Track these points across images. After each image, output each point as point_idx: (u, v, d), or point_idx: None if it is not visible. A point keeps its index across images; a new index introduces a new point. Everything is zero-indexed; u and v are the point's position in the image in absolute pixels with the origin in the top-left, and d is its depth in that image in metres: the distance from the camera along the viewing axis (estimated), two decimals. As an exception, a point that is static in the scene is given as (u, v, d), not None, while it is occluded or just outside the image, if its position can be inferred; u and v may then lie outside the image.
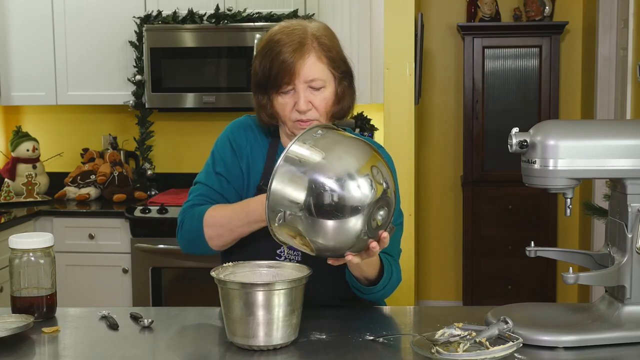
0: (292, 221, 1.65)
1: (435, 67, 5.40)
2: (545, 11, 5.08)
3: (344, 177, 1.63)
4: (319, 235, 1.65)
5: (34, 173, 4.47)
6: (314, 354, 1.69)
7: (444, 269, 5.49)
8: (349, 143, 1.72)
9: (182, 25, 4.25)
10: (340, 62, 1.98)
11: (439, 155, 5.44)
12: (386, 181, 1.69)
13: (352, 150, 1.70)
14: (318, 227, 1.64)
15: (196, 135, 4.62)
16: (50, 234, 1.99)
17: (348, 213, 1.63)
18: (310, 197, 1.63)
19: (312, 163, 1.65)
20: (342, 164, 1.65)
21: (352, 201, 1.63)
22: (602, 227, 2.81)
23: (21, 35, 4.41)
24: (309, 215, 1.63)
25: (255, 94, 2.01)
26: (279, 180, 1.66)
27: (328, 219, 1.63)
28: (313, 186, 1.63)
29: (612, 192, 1.85)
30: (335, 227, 1.64)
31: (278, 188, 1.65)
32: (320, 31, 1.97)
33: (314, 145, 1.68)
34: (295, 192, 1.64)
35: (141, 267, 4.07)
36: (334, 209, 1.62)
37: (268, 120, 2.02)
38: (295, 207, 1.64)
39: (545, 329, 1.73)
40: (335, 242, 1.67)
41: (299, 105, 1.93)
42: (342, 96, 1.99)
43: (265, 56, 1.94)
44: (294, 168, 1.65)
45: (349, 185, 1.63)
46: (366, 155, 1.70)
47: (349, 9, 4.19)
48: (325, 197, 1.62)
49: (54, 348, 1.80)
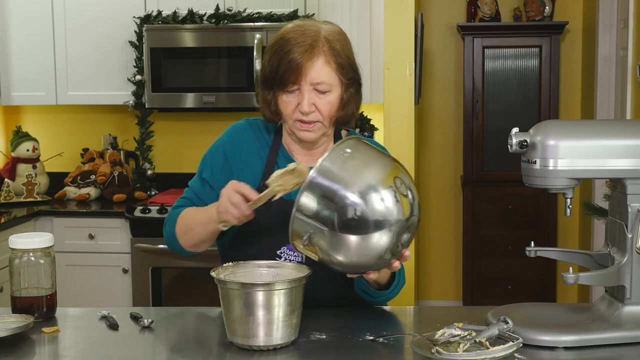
0: (317, 239, 1.66)
1: (435, 67, 5.40)
2: (545, 11, 5.08)
3: (368, 191, 1.63)
4: (342, 252, 1.66)
5: (34, 173, 4.47)
6: (314, 354, 1.69)
7: (444, 269, 5.49)
8: (374, 157, 1.72)
9: (182, 25, 4.25)
10: (349, 69, 1.97)
11: (439, 155, 5.44)
12: (410, 190, 1.69)
13: (376, 164, 1.70)
14: (343, 244, 1.65)
15: (196, 135, 4.62)
16: (50, 234, 1.99)
17: (373, 229, 1.63)
18: (336, 214, 1.63)
19: (339, 180, 1.65)
20: (366, 178, 1.65)
21: (376, 216, 1.63)
22: (602, 227, 2.81)
23: (21, 35, 4.41)
24: (334, 232, 1.63)
25: (262, 89, 2.01)
26: (305, 198, 1.66)
27: (354, 235, 1.63)
28: (339, 203, 1.63)
29: (612, 192, 1.85)
30: (361, 244, 1.65)
31: (304, 205, 1.65)
32: (333, 35, 1.96)
33: (343, 163, 1.67)
34: (322, 210, 1.64)
35: (141, 267, 4.07)
36: (360, 225, 1.63)
37: (271, 116, 2.02)
38: (320, 225, 1.64)
39: (545, 329, 1.73)
40: (359, 259, 1.67)
41: (302, 107, 1.92)
42: (347, 102, 1.98)
43: (275, 53, 1.94)
44: (321, 185, 1.65)
45: (372, 199, 1.63)
46: (389, 167, 1.70)
47: (349, 9, 4.19)
48: (350, 212, 1.62)
49: (54, 348, 1.79)
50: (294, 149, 2.06)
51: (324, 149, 2.05)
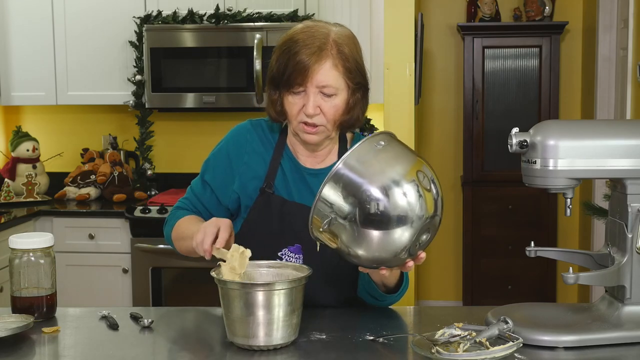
0: (336, 228, 1.65)
1: (435, 67, 5.40)
2: (545, 11, 5.09)
3: (390, 185, 1.63)
4: (362, 245, 1.66)
5: (34, 173, 4.47)
6: (314, 354, 1.69)
7: (444, 269, 5.49)
8: (401, 154, 1.71)
9: (182, 25, 4.25)
10: (357, 73, 1.95)
11: (439, 155, 5.44)
12: (433, 182, 1.70)
13: (401, 159, 1.69)
14: (363, 237, 1.64)
15: (196, 135, 4.62)
16: (50, 234, 1.99)
17: (395, 224, 1.63)
18: (358, 207, 1.63)
19: (364, 174, 1.64)
20: (389, 173, 1.65)
21: (398, 211, 1.63)
22: (602, 227, 2.81)
23: (21, 36, 4.41)
24: (355, 224, 1.63)
25: (268, 88, 2.00)
26: (329, 188, 1.65)
27: (375, 229, 1.63)
28: (362, 196, 1.63)
29: (612, 192, 1.85)
30: (381, 239, 1.64)
31: (327, 195, 1.65)
32: (343, 39, 1.94)
33: (370, 157, 1.67)
34: (344, 201, 1.64)
35: (141, 267, 4.07)
36: (381, 219, 1.63)
37: (276, 116, 2.01)
38: (341, 215, 1.64)
39: (545, 329, 1.73)
40: (378, 253, 1.67)
41: (306, 109, 1.92)
42: (353, 107, 1.97)
43: (283, 53, 1.93)
44: (346, 177, 1.65)
45: (395, 194, 1.63)
46: (412, 162, 1.69)
47: (349, 9, 4.19)
48: (373, 206, 1.62)
49: (54, 348, 1.79)
50: (298, 150, 2.05)
51: (328, 151, 2.05)
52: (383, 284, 1.91)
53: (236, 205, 2.07)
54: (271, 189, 2.01)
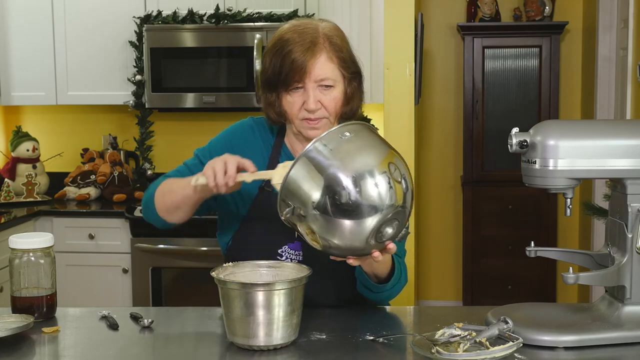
0: (302, 213, 1.66)
1: (435, 67, 5.40)
2: (545, 11, 5.09)
3: (362, 174, 1.64)
4: (329, 233, 1.66)
5: (34, 173, 4.47)
6: (314, 354, 1.69)
7: (444, 269, 5.49)
8: (371, 144, 1.71)
9: (182, 25, 4.25)
10: (351, 63, 1.98)
11: (439, 155, 5.44)
12: (404, 178, 1.69)
13: (372, 150, 1.69)
14: (329, 225, 1.65)
15: (196, 135, 4.62)
16: (50, 234, 1.99)
17: (361, 213, 1.63)
18: (324, 194, 1.63)
19: (332, 161, 1.65)
20: (360, 162, 1.65)
21: (366, 201, 1.63)
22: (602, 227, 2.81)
23: (21, 36, 4.41)
24: (321, 212, 1.64)
25: (264, 91, 2.00)
26: (296, 172, 1.66)
27: (341, 218, 1.63)
28: (329, 183, 1.63)
29: (612, 192, 1.85)
30: (346, 227, 1.64)
31: (294, 178, 1.66)
32: (332, 31, 1.97)
33: (338, 145, 1.67)
34: (311, 188, 1.64)
35: (141, 267, 4.07)
36: (348, 208, 1.63)
37: (276, 118, 2.01)
38: (307, 202, 1.64)
39: (545, 329, 1.73)
40: (344, 241, 1.67)
41: (308, 104, 1.92)
42: (352, 97, 1.99)
43: (275, 54, 1.94)
44: (313, 164, 1.65)
45: (366, 184, 1.63)
46: (384, 153, 1.69)
47: (349, 9, 4.19)
48: (340, 195, 1.63)
49: (54, 348, 1.79)
50: (298, 148, 2.05)
51: None
52: (375, 274, 1.90)
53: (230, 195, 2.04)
54: (270, 187, 2.01)
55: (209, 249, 3.94)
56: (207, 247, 3.96)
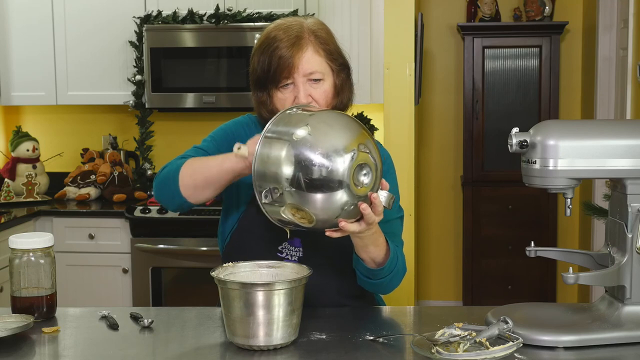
0: (280, 197, 1.69)
1: (435, 67, 5.40)
2: (545, 11, 5.08)
3: (328, 151, 1.67)
4: (306, 207, 1.69)
5: (34, 173, 4.47)
6: (314, 354, 1.69)
7: (444, 269, 5.49)
8: (335, 119, 1.76)
9: (182, 25, 4.25)
10: (337, 55, 1.99)
11: (439, 155, 5.44)
12: (370, 151, 1.72)
13: (337, 124, 1.74)
14: (303, 200, 1.68)
15: (196, 135, 4.57)
16: (50, 234, 1.99)
17: (331, 186, 1.66)
18: (294, 171, 1.66)
19: (294, 139, 1.68)
20: (327, 138, 1.70)
21: (333, 174, 1.66)
22: (602, 227, 2.81)
23: (21, 36, 4.41)
24: (294, 189, 1.67)
25: (255, 91, 2.01)
26: (260, 158, 1.69)
27: (311, 192, 1.67)
28: (295, 160, 1.67)
29: (612, 192, 1.85)
30: (320, 200, 1.67)
31: (260, 166, 1.70)
32: (316, 25, 1.99)
33: (296, 122, 1.72)
34: (278, 168, 1.68)
35: (141, 267, 4.07)
36: (318, 183, 1.66)
37: (269, 116, 2.01)
38: (279, 182, 1.68)
39: (545, 329, 1.73)
40: (324, 214, 1.70)
41: (299, 99, 1.93)
42: (341, 89, 2.00)
43: (263, 53, 1.96)
44: (275, 144, 1.69)
45: (333, 158, 1.67)
46: (353, 131, 1.73)
47: (349, 9, 4.19)
48: (311, 171, 1.66)
49: (54, 348, 1.80)
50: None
51: None
52: (372, 259, 1.89)
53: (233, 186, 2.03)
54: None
55: (209, 249, 3.95)
56: (207, 247, 3.96)
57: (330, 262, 1.96)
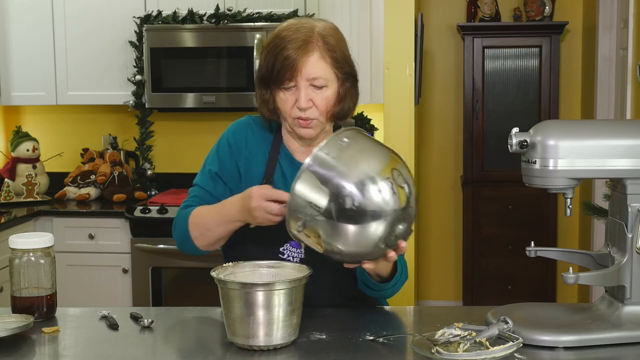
0: (313, 225, 1.66)
1: (435, 67, 5.40)
2: (545, 11, 5.09)
3: (365, 181, 1.64)
4: (339, 240, 1.67)
5: (34, 173, 4.47)
6: (314, 354, 1.69)
7: (444, 269, 5.49)
8: (371, 148, 1.73)
9: (182, 25, 4.25)
10: (344, 63, 1.98)
11: (439, 155, 5.44)
12: (407, 182, 1.70)
13: (373, 155, 1.71)
14: (338, 232, 1.65)
15: (196, 135, 4.63)
16: (50, 234, 1.99)
17: (369, 218, 1.64)
18: (332, 202, 1.64)
19: (335, 169, 1.65)
20: (363, 168, 1.66)
21: (373, 206, 1.64)
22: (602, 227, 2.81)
23: (21, 36, 4.40)
24: (329, 219, 1.64)
25: (259, 88, 2.01)
26: (301, 184, 1.66)
27: (349, 224, 1.64)
28: (335, 191, 1.64)
29: (612, 192, 1.85)
30: (356, 233, 1.65)
31: (300, 192, 1.66)
32: (327, 31, 1.97)
33: (339, 151, 1.68)
34: (317, 197, 1.65)
35: (141, 267, 4.07)
36: (355, 214, 1.64)
37: (269, 115, 2.02)
38: (316, 211, 1.65)
39: (545, 329, 1.73)
40: (355, 247, 1.68)
41: (299, 103, 1.93)
42: (344, 97, 1.99)
43: (270, 51, 1.95)
44: (318, 173, 1.66)
45: (370, 190, 1.64)
46: (386, 158, 1.70)
47: (349, 9, 4.19)
48: (347, 202, 1.63)
49: (54, 348, 1.79)
50: (294, 146, 2.06)
51: None
52: (377, 274, 1.91)
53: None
54: (271, 185, 2.01)
55: (209, 249, 3.94)
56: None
57: (332, 265, 1.96)
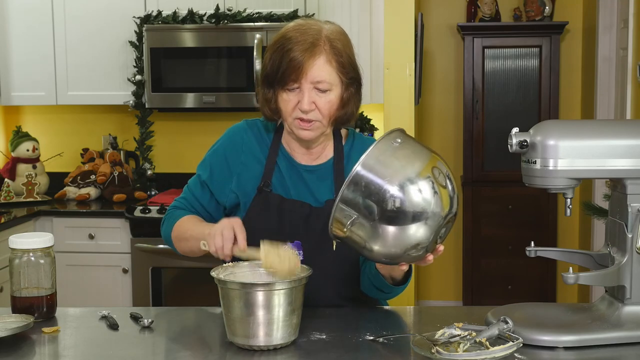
0: (357, 227, 1.65)
1: (435, 67, 5.40)
2: (545, 11, 5.09)
3: (409, 184, 1.63)
4: (379, 241, 1.66)
5: (34, 173, 4.47)
6: (314, 354, 1.69)
7: (444, 269, 5.49)
8: (417, 150, 1.71)
9: (182, 25, 4.25)
10: (350, 68, 1.97)
11: (439, 155, 5.44)
12: (449, 178, 1.69)
13: (419, 157, 1.69)
14: (382, 234, 1.64)
15: (196, 135, 4.63)
16: (50, 234, 1.99)
17: (411, 220, 1.63)
18: (379, 206, 1.63)
19: (382, 172, 1.65)
20: (408, 171, 1.65)
21: (416, 208, 1.63)
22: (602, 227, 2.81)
23: (21, 36, 4.40)
24: (373, 222, 1.64)
25: (262, 87, 2.01)
26: (348, 189, 1.65)
27: (392, 225, 1.64)
28: (383, 196, 1.63)
29: (612, 192, 1.85)
30: (398, 235, 1.64)
31: (347, 195, 1.65)
32: (335, 34, 1.96)
33: (390, 155, 1.67)
34: (365, 201, 1.64)
35: (141, 267, 4.06)
36: (402, 218, 1.63)
37: (271, 115, 2.02)
38: (363, 214, 1.64)
39: (545, 329, 1.73)
40: (394, 249, 1.67)
41: (302, 105, 1.93)
42: (347, 102, 1.98)
43: (276, 51, 1.95)
44: (366, 177, 1.65)
45: (410, 192, 1.63)
46: (428, 159, 1.69)
47: (349, 9, 4.19)
48: (393, 205, 1.62)
49: (54, 348, 1.80)
50: (294, 147, 2.06)
51: (322, 148, 2.06)
52: (391, 276, 1.91)
53: (233, 204, 2.07)
54: (269, 187, 2.02)
55: (209, 249, 3.94)
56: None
57: (332, 266, 1.96)
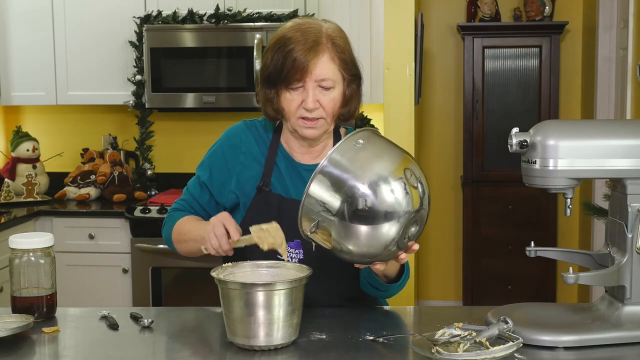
0: (326, 226, 1.66)
1: (435, 67, 5.40)
2: (545, 11, 5.09)
3: (378, 182, 1.64)
4: (351, 241, 1.66)
5: (34, 173, 4.47)
6: (314, 354, 1.69)
7: (444, 269, 5.49)
8: (385, 149, 1.72)
9: (182, 25, 4.25)
10: (352, 65, 1.99)
11: (439, 155, 5.44)
12: (421, 183, 1.70)
13: (387, 156, 1.70)
14: (351, 233, 1.65)
15: (196, 135, 4.63)
16: (50, 234, 1.99)
17: (382, 219, 1.64)
18: (345, 203, 1.63)
19: (349, 171, 1.65)
20: (377, 169, 1.66)
21: (385, 207, 1.64)
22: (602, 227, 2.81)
23: (21, 35, 4.41)
24: (342, 220, 1.64)
25: (263, 87, 2.01)
26: (315, 185, 1.66)
27: (361, 224, 1.64)
28: (349, 192, 1.63)
29: (612, 192, 1.85)
30: (368, 233, 1.65)
31: (314, 193, 1.66)
32: (335, 32, 1.98)
33: (354, 153, 1.68)
34: (331, 198, 1.65)
35: (141, 267, 4.07)
36: (368, 215, 1.63)
37: (273, 114, 2.02)
38: (329, 212, 1.65)
39: (545, 329, 1.73)
40: (367, 248, 1.67)
41: (306, 103, 1.93)
42: (350, 99, 2.00)
43: (277, 51, 1.94)
44: (332, 174, 1.66)
45: (382, 191, 1.64)
46: (399, 159, 1.70)
47: (349, 9, 4.19)
48: (360, 202, 1.63)
49: (54, 348, 1.79)
50: (294, 147, 2.06)
51: (323, 146, 2.06)
52: (384, 275, 1.91)
53: (233, 205, 2.07)
54: (268, 187, 2.02)
55: (209, 249, 3.94)
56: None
57: (331, 265, 1.96)
